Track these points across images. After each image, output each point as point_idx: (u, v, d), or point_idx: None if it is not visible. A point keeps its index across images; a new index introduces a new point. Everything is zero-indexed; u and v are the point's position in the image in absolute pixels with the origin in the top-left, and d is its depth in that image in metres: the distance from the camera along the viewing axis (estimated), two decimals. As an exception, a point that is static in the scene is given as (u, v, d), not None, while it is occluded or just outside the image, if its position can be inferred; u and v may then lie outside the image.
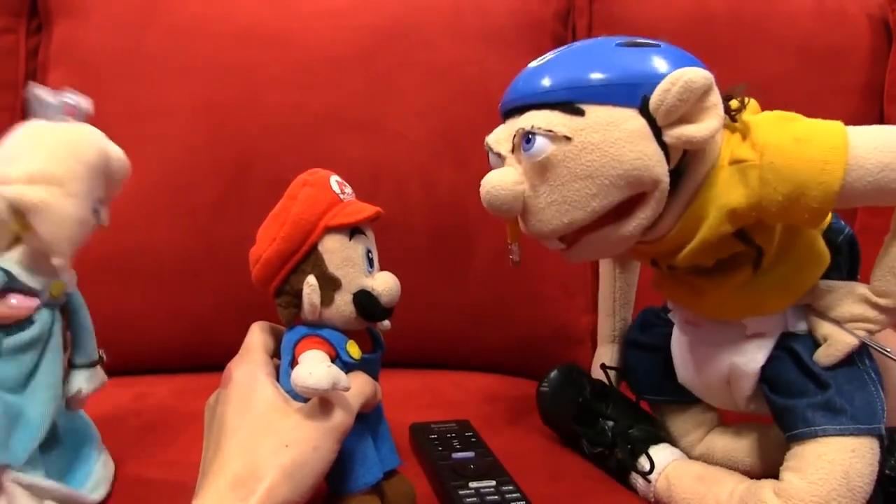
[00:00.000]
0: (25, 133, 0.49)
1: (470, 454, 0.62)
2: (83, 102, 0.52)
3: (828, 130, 0.49)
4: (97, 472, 0.56)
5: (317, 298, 0.49)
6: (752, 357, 0.57)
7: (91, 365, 0.57)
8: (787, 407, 0.54)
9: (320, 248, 0.50)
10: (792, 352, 0.55)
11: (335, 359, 0.49)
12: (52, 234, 0.47)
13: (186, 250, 0.85)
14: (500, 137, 0.53)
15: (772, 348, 0.57)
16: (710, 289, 0.56)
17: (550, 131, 0.48)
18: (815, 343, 0.55)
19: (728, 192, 0.50)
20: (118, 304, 0.62)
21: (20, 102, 0.92)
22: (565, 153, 0.48)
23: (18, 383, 0.50)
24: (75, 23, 0.90)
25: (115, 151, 0.53)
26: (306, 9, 0.92)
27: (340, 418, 0.46)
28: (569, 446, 0.70)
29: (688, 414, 0.67)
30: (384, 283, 0.51)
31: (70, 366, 0.56)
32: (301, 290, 0.49)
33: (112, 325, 0.56)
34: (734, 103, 0.52)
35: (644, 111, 0.48)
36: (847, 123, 0.49)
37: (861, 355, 0.54)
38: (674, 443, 0.66)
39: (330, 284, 0.49)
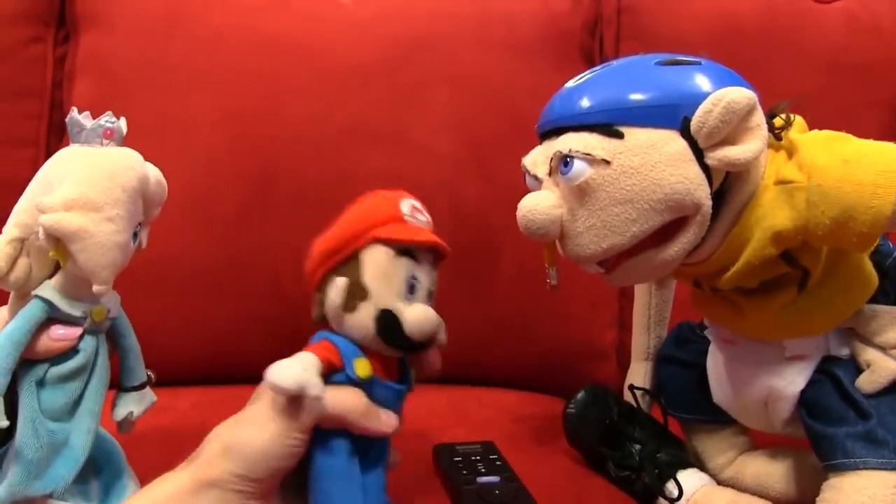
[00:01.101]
0: (63, 159, 0.49)
1: (495, 479, 0.61)
2: (120, 124, 0.51)
3: (879, 152, 0.47)
4: (132, 489, 0.55)
5: (339, 300, 0.47)
6: (792, 380, 0.56)
7: (140, 387, 0.56)
8: (825, 435, 0.53)
9: (362, 255, 0.48)
10: (833, 377, 0.54)
11: (338, 370, 0.47)
12: (92, 262, 0.46)
13: (209, 262, 0.85)
14: (538, 160, 0.52)
15: (812, 372, 0.55)
16: (753, 309, 0.54)
17: (589, 154, 0.47)
18: (857, 369, 0.54)
19: (773, 214, 0.49)
20: (139, 315, 0.61)
21: (47, 110, 0.92)
22: (604, 177, 0.47)
23: (64, 412, 0.50)
24: (101, 32, 0.91)
25: (154, 174, 0.52)
26: (330, 19, 0.92)
27: (303, 411, 0.45)
28: (594, 468, 0.68)
29: (720, 435, 0.66)
30: (415, 314, 0.48)
31: (119, 389, 0.55)
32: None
33: (134, 336, 0.56)
34: (778, 121, 0.50)
35: (685, 133, 0.47)
36: (881, 138, 0.48)
37: None
38: (703, 464, 0.65)
39: (358, 292, 0.48)
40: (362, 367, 0.48)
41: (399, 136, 0.89)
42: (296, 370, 0.44)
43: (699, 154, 0.47)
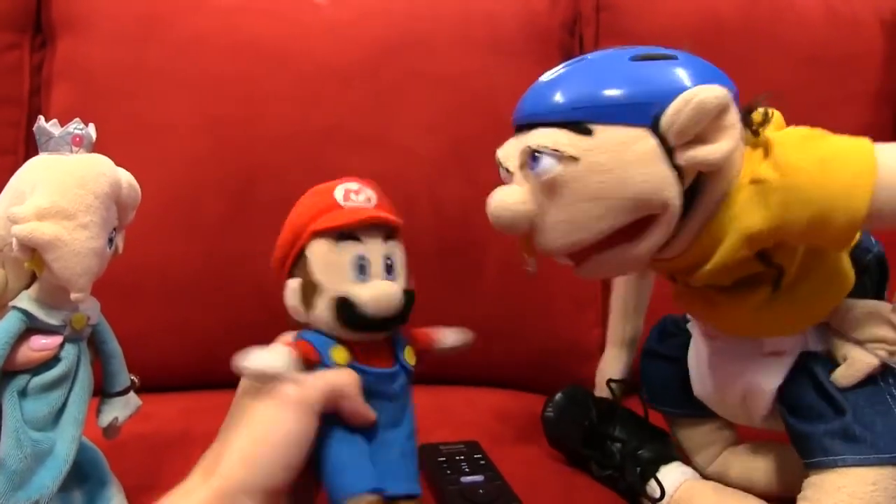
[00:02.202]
0: (33, 168, 0.49)
1: (479, 478, 0.61)
2: (89, 130, 0.51)
3: (855, 150, 0.47)
4: (116, 497, 0.56)
5: (294, 301, 0.49)
6: (770, 376, 0.56)
7: (124, 392, 0.56)
8: (804, 433, 0.53)
9: (307, 252, 0.49)
10: (811, 373, 0.54)
11: (318, 364, 0.48)
12: (68, 270, 0.46)
13: (191, 267, 0.85)
14: (510, 153, 0.52)
15: (790, 368, 0.55)
16: (727, 306, 0.54)
17: (557, 151, 0.47)
18: (835, 364, 0.53)
19: (747, 214, 0.48)
20: (122, 322, 0.61)
21: (25, 117, 0.91)
22: (572, 174, 0.47)
23: (47, 422, 0.49)
24: (79, 38, 0.90)
25: (127, 178, 0.52)
26: (309, 21, 0.91)
27: (301, 391, 0.45)
28: (578, 467, 0.68)
29: (704, 429, 0.66)
30: (368, 292, 0.48)
31: (103, 395, 0.55)
32: None
33: (116, 343, 0.57)
34: (757, 116, 0.50)
35: (655, 130, 0.46)
36: (860, 132, 0.48)
37: (885, 377, 0.52)
38: (687, 458, 0.65)
39: (310, 289, 0.48)
40: (339, 355, 0.48)
41: (380, 138, 0.88)
42: (262, 354, 0.46)
43: (669, 153, 0.46)
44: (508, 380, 0.90)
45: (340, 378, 0.47)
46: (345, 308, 0.48)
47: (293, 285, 0.49)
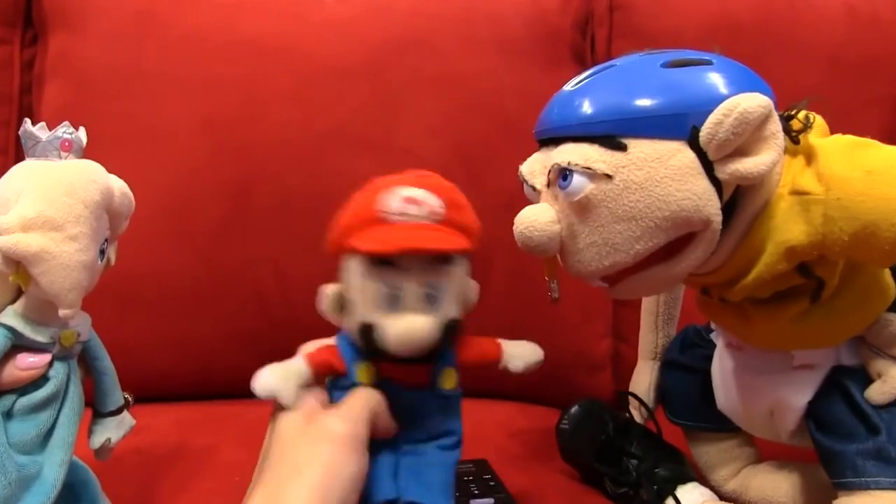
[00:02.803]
0: (18, 175, 0.46)
1: (489, 501, 0.59)
2: (79, 135, 0.48)
3: None
4: None
5: (327, 308, 0.47)
6: (799, 391, 0.54)
7: (118, 412, 0.54)
8: (834, 451, 0.51)
9: (344, 264, 0.46)
10: (843, 388, 0.52)
11: (340, 375, 0.46)
12: (56, 285, 0.43)
13: (188, 275, 0.82)
14: (535, 170, 0.49)
15: (821, 382, 0.53)
16: (762, 318, 0.51)
17: (589, 168, 0.44)
18: (868, 379, 0.51)
19: (787, 227, 0.45)
20: (117, 331, 0.59)
21: (15, 116, 0.89)
22: (606, 192, 0.44)
23: (35, 444, 0.47)
24: (71, 34, 0.87)
25: (119, 186, 0.49)
26: (312, 19, 0.89)
27: (353, 428, 0.43)
28: (591, 484, 0.66)
29: (724, 444, 0.64)
30: (396, 329, 0.43)
31: (95, 414, 0.53)
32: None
33: (111, 354, 0.53)
34: (796, 123, 0.47)
35: (694, 143, 0.43)
36: (882, 136, 0.45)
37: None
38: (705, 475, 0.64)
39: (343, 302, 0.46)
40: (364, 374, 0.46)
41: (384, 141, 0.86)
42: (273, 378, 0.44)
43: (709, 166, 0.44)
44: (516, 392, 0.88)
45: (373, 402, 0.45)
46: (369, 337, 0.44)
47: (328, 292, 0.46)
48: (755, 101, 0.42)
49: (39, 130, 0.47)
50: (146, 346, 0.81)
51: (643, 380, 0.71)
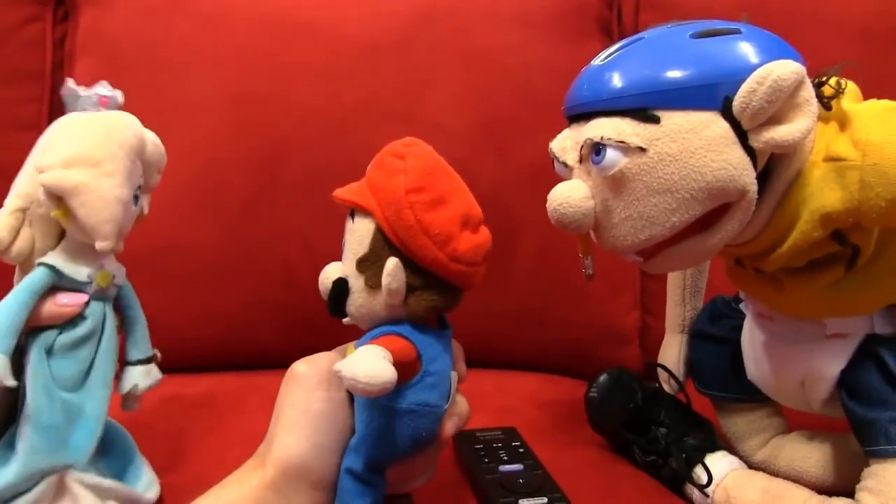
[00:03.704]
0: (61, 124, 0.50)
1: (518, 467, 0.59)
2: (116, 93, 0.53)
3: None
4: (147, 473, 0.56)
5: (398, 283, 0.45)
6: (832, 360, 0.53)
7: (146, 361, 0.56)
8: (867, 419, 0.51)
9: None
10: (876, 356, 0.51)
11: (417, 367, 0.46)
12: (93, 217, 0.47)
13: (217, 249, 0.83)
14: (567, 146, 0.49)
15: (854, 351, 0.52)
16: (795, 286, 0.51)
17: (622, 142, 0.44)
18: None
19: (822, 194, 0.45)
20: (146, 303, 0.61)
21: (48, 92, 0.90)
22: (640, 166, 0.44)
23: (76, 381, 0.50)
24: (101, 11, 0.88)
25: (152, 138, 0.53)
26: (338, -6, 0.89)
27: (301, 368, 0.46)
28: (620, 453, 0.66)
29: (753, 415, 0.64)
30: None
31: (125, 363, 0.55)
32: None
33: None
34: (828, 89, 0.46)
35: (727, 113, 0.43)
36: None
37: None
38: (734, 445, 0.64)
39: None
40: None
41: (411, 115, 0.86)
42: (379, 363, 0.41)
43: (743, 136, 0.43)
44: (543, 364, 0.88)
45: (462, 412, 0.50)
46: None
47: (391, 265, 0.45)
48: (788, 69, 0.41)
49: (79, 88, 0.51)
50: (175, 318, 0.81)
51: (672, 353, 0.71)
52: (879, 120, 0.45)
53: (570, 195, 0.46)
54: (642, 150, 0.44)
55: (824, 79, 0.47)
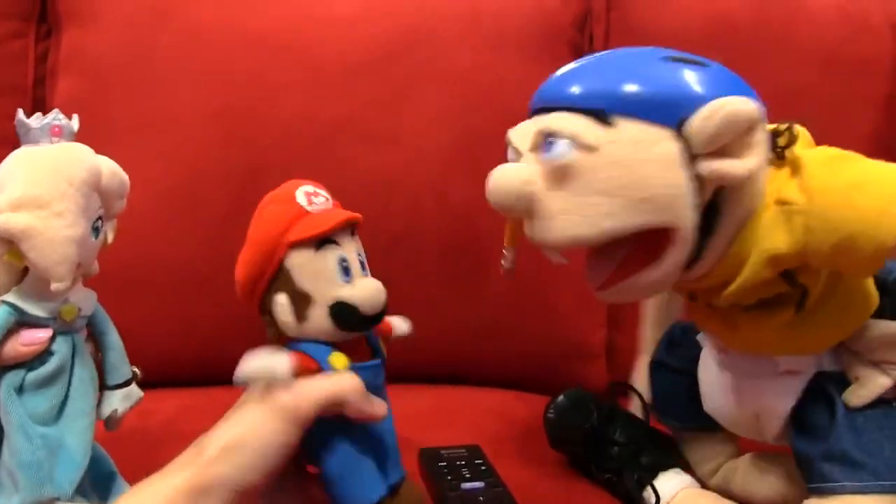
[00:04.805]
0: (10, 163, 0.49)
1: (479, 485, 0.60)
2: (69, 122, 0.51)
3: (888, 176, 0.45)
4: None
5: (288, 316, 0.48)
6: (784, 396, 0.54)
7: (125, 384, 0.56)
8: (806, 456, 0.52)
9: (287, 265, 0.48)
10: (825, 393, 0.53)
11: (317, 371, 0.48)
12: (44, 259, 0.46)
13: (196, 262, 0.84)
14: (522, 134, 0.50)
15: (805, 387, 0.54)
16: (748, 325, 0.52)
17: (575, 137, 0.45)
18: (849, 384, 0.52)
19: (771, 236, 0.46)
20: (125, 316, 0.62)
21: (31, 108, 0.90)
22: (587, 163, 0.44)
23: (52, 416, 0.49)
24: (85, 28, 0.89)
25: (109, 166, 0.51)
26: (320, 15, 0.91)
27: (294, 401, 0.45)
28: (580, 470, 0.68)
29: (709, 442, 0.65)
30: (363, 292, 0.48)
31: (103, 387, 0.55)
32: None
33: (118, 337, 0.57)
34: (782, 140, 0.48)
35: (680, 134, 0.44)
36: (872, 136, 0.46)
37: None
38: (692, 470, 0.64)
39: (302, 300, 0.48)
40: (338, 360, 0.49)
41: (388, 134, 0.88)
42: (261, 358, 0.45)
43: (691, 161, 0.44)
44: (513, 380, 0.90)
45: (340, 384, 0.47)
46: (342, 312, 0.48)
47: (282, 300, 0.48)
48: (745, 105, 0.42)
49: (33, 120, 0.49)
50: (151, 331, 0.82)
51: (643, 375, 0.72)
52: (826, 167, 0.46)
53: (513, 176, 0.47)
54: (593, 148, 0.44)
55: (782, 128, 0.48)
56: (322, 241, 0.48)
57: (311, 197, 0.51)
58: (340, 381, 0.47)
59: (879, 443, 0.49)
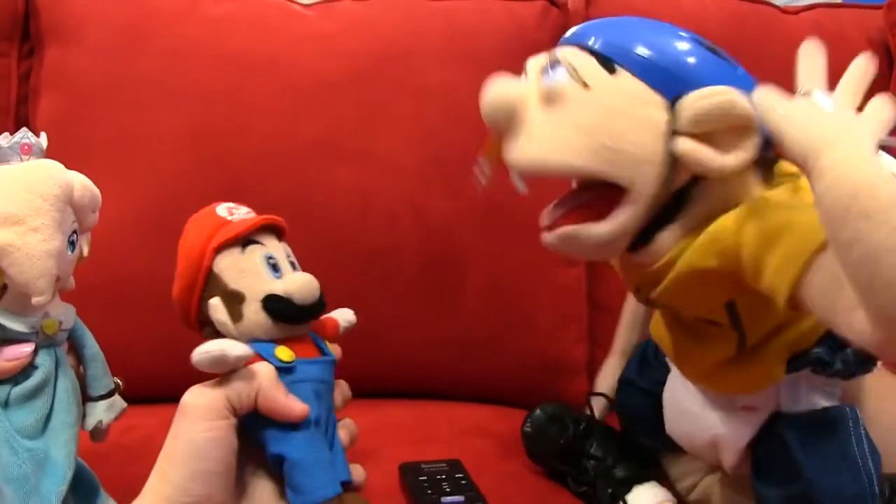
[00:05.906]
0: None
1: (460, 498, 0.61)
2: (38, 140, 0.51)
3: (805, 235, 0.41)
4: None
5: (223, 315, 0.49)
6: (741, 430, 0.55)
7: (108, 395, 0.57)
8: (763, 495, 0.53)
9: (215, 269, 0.50)
10: (778, 435, 0.52)
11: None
12: (24, 274, 0.46)
13: (174, 279, 0.84)
14: (538, 60, 0.51)
15: (762, 424, 0.54)
16: (694, 357, 0.54)
17: (575, 70, 0.47)
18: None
19: (702, 249, 0.46)
20: (105, 333, 0.62)
21: (13, 127, 0.90)
22: (576, 96, 0.46)
23: (36, 430, 0.50)
24: (67, 47, 0.90)
25: (80, 180, 0.52)
26: (297, 34, 0.91)
27: (206, 399, 0.47)
28: (558, 483, 0.69)
29: (686, 458, 0.65)
30: (294, 283, 0.50)
31: (86, 399, 0.55)
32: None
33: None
34: (784, 166, 0.49)
35: (671, 108, 0.45)
36: None
37: (858, 436, 0.50)
38: (671, 486, 0.65)
39: (234, 300, 0.49)
40: (284, 353, 0.49)
41: (365, 152, 0.88)
42: (214, 342, 0.46)
43: (672, 136, 0.45)
44: (492, 395, 0.90)
45: (258, 374, 0.47)
46: (275, 304, 0.49)
47: (215, 303, 0.49)
48: (745, 103, 0.44)
49: (2, 139, 0.50)
50: (133, 347, 0.83)
51: (610, 375, 0.74)
52: (765, 209, 0.44)
53: (509, 89, 0.49)
54: (586, 85, 0.46)
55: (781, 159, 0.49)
56: (246, 242, 0.50)
57: (231, 209, 0.53)
58: (252, 371, 0.47)
59: (840, 485, 0.48)
